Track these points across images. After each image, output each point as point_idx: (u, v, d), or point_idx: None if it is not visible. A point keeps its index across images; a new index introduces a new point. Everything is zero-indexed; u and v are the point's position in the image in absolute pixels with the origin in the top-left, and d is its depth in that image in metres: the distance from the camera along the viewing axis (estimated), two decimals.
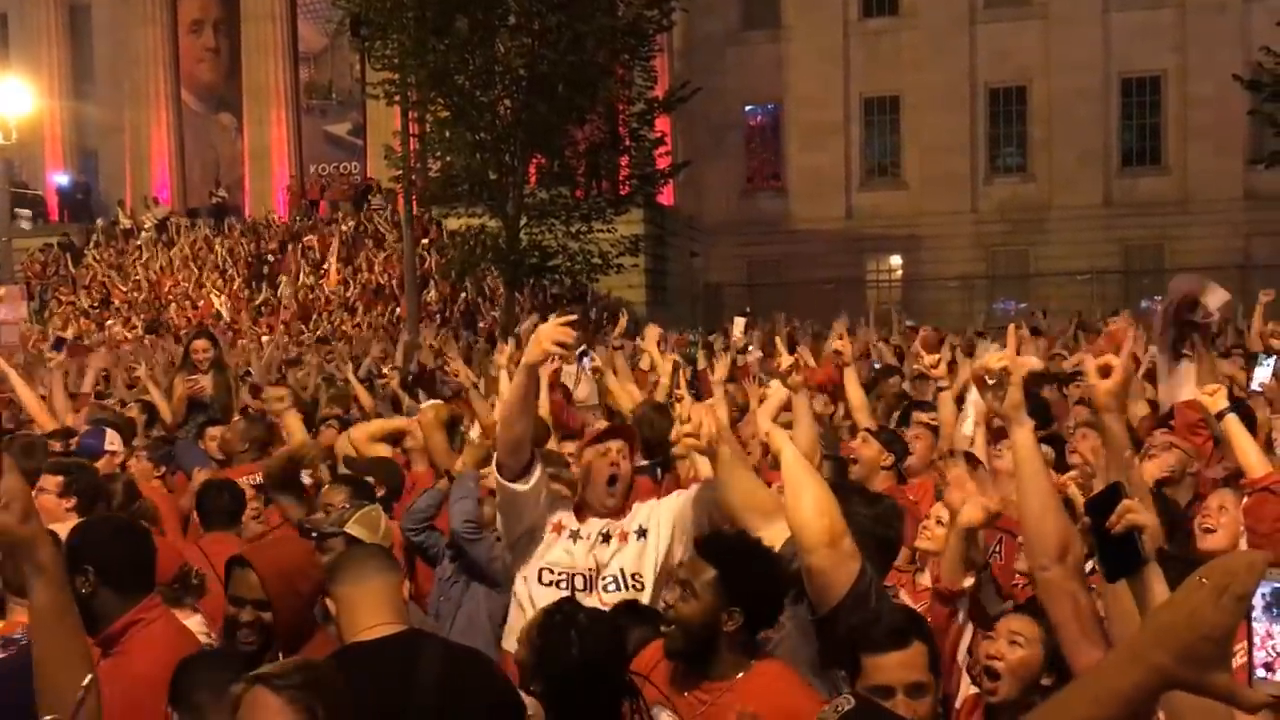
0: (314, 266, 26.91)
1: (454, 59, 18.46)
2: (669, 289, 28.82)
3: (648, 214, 25.38)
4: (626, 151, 20.84)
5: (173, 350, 14.91)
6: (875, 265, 32.75)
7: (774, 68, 32.59)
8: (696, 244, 32.00)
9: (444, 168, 19.75)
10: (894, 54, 31.95)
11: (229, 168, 32.69)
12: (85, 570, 2.89)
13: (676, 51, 29.50)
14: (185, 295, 26.78)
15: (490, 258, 20.28)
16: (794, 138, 32.96)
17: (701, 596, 2.78)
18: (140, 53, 32.00)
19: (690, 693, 2.84)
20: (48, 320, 26.50)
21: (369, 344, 15.17)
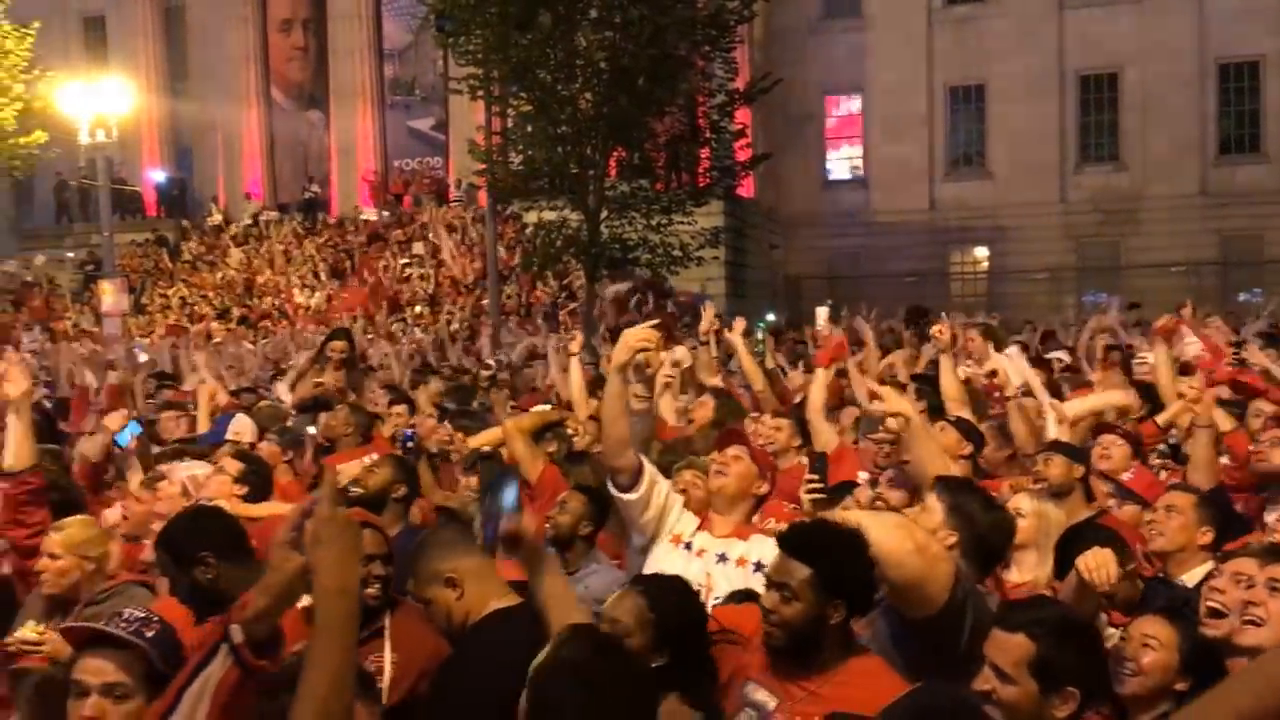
0: (400, 261, 27.41)
1: (536, 53, 18.59)
2: (748, 282, 28.68)
3: (727, 206, 25.29)
4: (707, 144, 20.77)
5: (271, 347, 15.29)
6: (960, 258, 32.17)
7: (856, 57, 32.18)
8: (776, 236, 31.80)
9: (525, 161, 19.90)
10: (979, 42, 31.31)
11: (317, 164, 33.44)
12: (202, 559, 3.03)
13: (757, 42, 29.30)
14: (275, 289, 27.47)
15: (571, 251, 20.40)
16: (876, 128, 32.52)
17: (802, 597, 2.74)
18: (232, 52, 32.89)
19: (790, 682, 2.83)
20: (145, 313, 27.44)
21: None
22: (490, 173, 19.99)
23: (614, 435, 3.69)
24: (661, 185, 21.32)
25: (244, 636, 2.27)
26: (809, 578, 2.74)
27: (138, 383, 10.05)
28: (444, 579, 3.03)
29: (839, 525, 2.89)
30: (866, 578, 2.80)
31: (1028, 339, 11.46)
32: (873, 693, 2.70)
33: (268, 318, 25.75)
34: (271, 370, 12.42)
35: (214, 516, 3.38)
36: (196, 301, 27.76)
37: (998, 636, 2.48)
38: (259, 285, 27.83)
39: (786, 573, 2.78)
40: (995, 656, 2.46)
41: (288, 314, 25.86)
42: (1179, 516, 3.88)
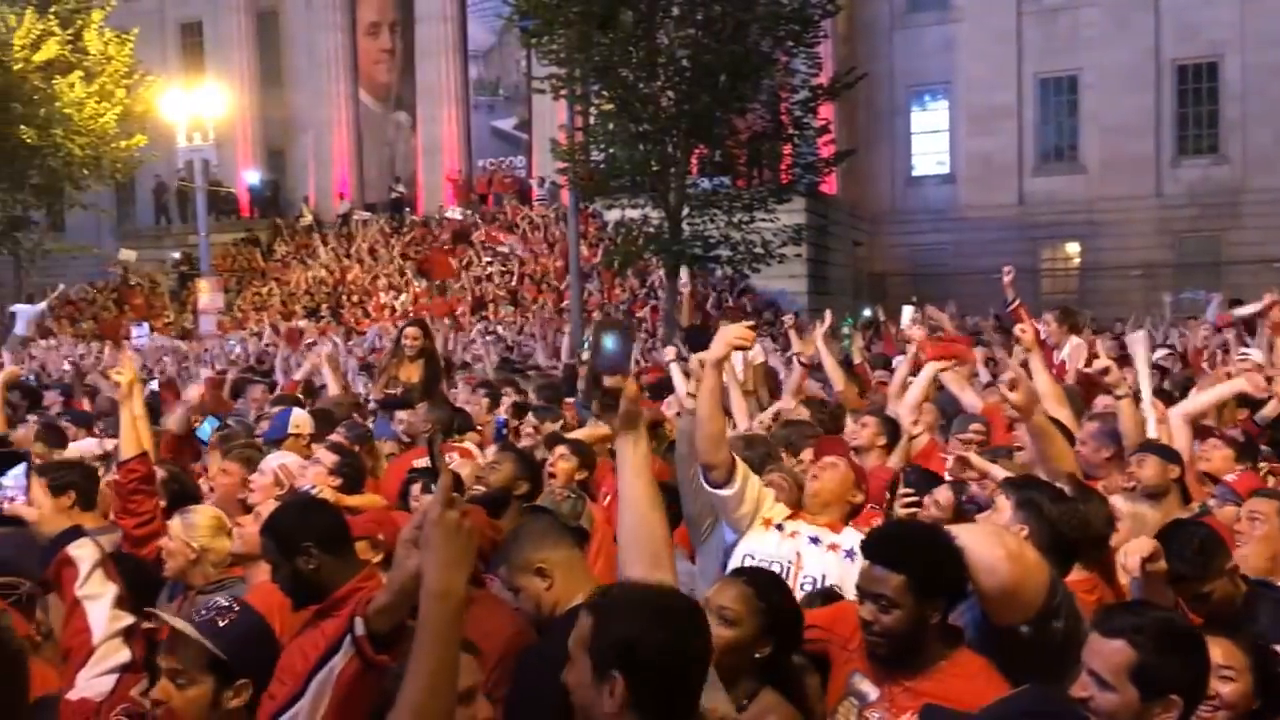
0: (486, 259, 27.76)
1: (618, 52, 18.65)
2: (830, 279, 28.40)
3: (810, 203, 25.06)
4: (789, 140, 20.60)
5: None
6: (1050, 253, 31.37)
7: (942, 50, 31.60)
8: (859, 233, 31.43)
9: (607, 160, 19.98)
10: (1071, 32, 30.48)
11: (403, 164, 34.07)
12: (305, 549, 3.13)
13: (841, 37, 28.96)
14: (363, 288, 28.05)
15: (652, 248, 20.42)
16: (963, 122, 31.89)
17: (900, 604, 2.72)
18: (323, 56, 33.67)
19: (891, 679, 2.82)
20: (239, 311, 28.25)
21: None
22: (572, 171, 20.12)
23: (711, 431, 3.70)
24: (743, 182, 21.22)
25: (366, 630, 2.32)
26: (903, 584, 2.71)
27: (228, 378, 10.39)
28: (535, 568, 3.08)
29: (920, 525, 2.85)
30: (958, 572, 2.78)
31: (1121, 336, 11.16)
32: (971, 689, 2.66)
33: (355, 317, 26.29)
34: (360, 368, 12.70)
35: (319, 509, 3.48)
36: (288, 300, 28.48)
37: (1097, 642, 2.40)
38: (347, 284, 28.44)
39: (879, 582, 2.75)
40: (1094, 662, 2.38)
41: (371, 313, 26.37)
42: (1264, 525, 3.79)
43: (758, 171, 21.99)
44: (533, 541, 3.11)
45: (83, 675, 2.96)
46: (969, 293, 21.97)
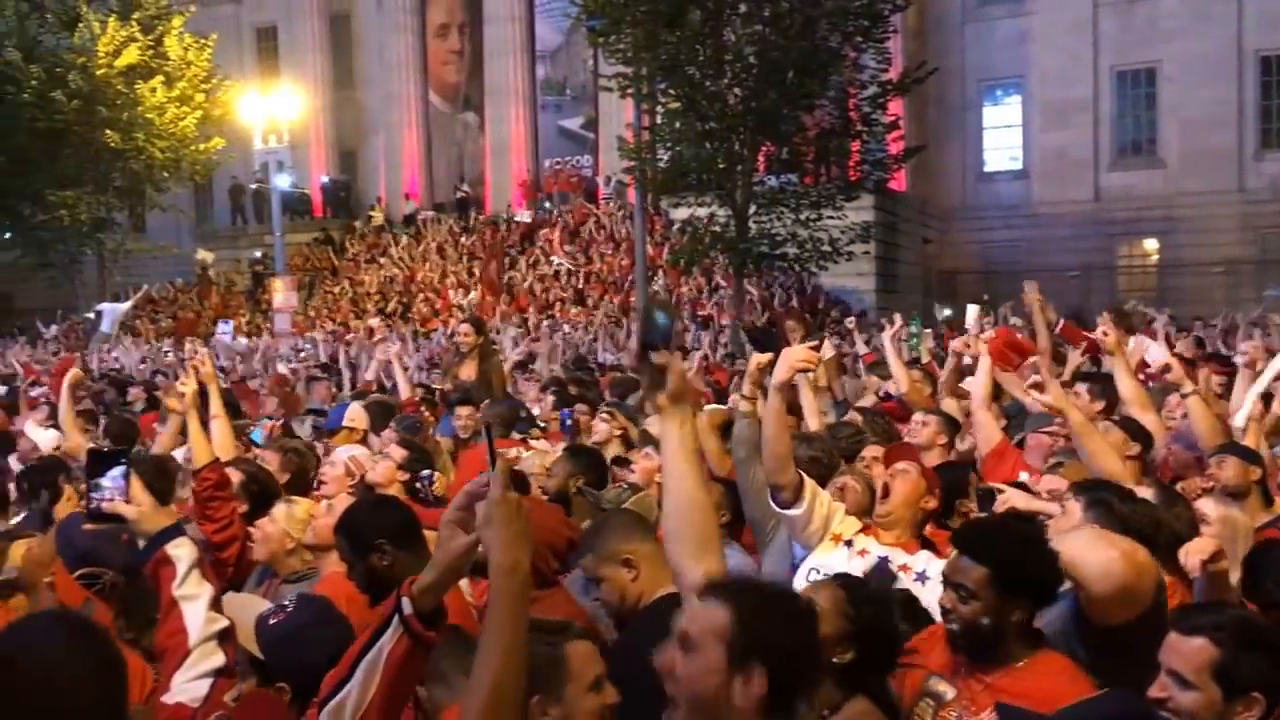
0: (549, 259, 27.94)
1: (685, 50, 18.62)
2: (899, 277, 28.07)
3: (878, 200, 24.79)
4: (857, 136, 20.38)
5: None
6: (1128, 250, 30.63)
7: (1015, 44, 31.03)
8: (929, 230, 31.01)
9: (673, 158, 19.95)
10: (1150, 23, 29.72)
11: (471, 164, 34.43)
12: (379, 546, 3.20)
13: (910, 31, 28.59)
14: (431, 287, 28.40)
15: (718, 246, 20.36)
16: (1037, 116, 31.28)
17: (980, 596, 2.71)
18: (393, 58, 34.16)
19: (969, 677, 2.80)
20: (312, 310, 28.80)
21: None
22: (639, 170, 20.15)
23: (777, 452, 3.69)
24: (810, 179, 21.05)
25: (414, 609, 2.38)
26: (985, 577, 2.71)
27: (300, 375, 10.62)
28: (621, 559, 3.11)
29: (1015, 522, 2.84)
30: (1047, 573, 2.75)
31: (1203, 334, 10.87)
32: (1050, 689, 2.63)
33: (425, 316, 26.63)
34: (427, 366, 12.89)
35: (392, 507, 3.54)
36: (359, 299, 28.94)
37: (1176, 641, 2.37)
38: (417, 283, 28.82)
39: (962, 572, 2.76)
40: (1174, 662, 2.35)
41: (439, 312, 26.68)
42: None
43: (825, 168, 21.78)
44: (620, 533, 3.14)
45: (178, 678, 2.95)
46: (1044, 291, 21.46)
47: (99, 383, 11.64)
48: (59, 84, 28.15)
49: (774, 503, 3.72)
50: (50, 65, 28.29)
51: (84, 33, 28.86)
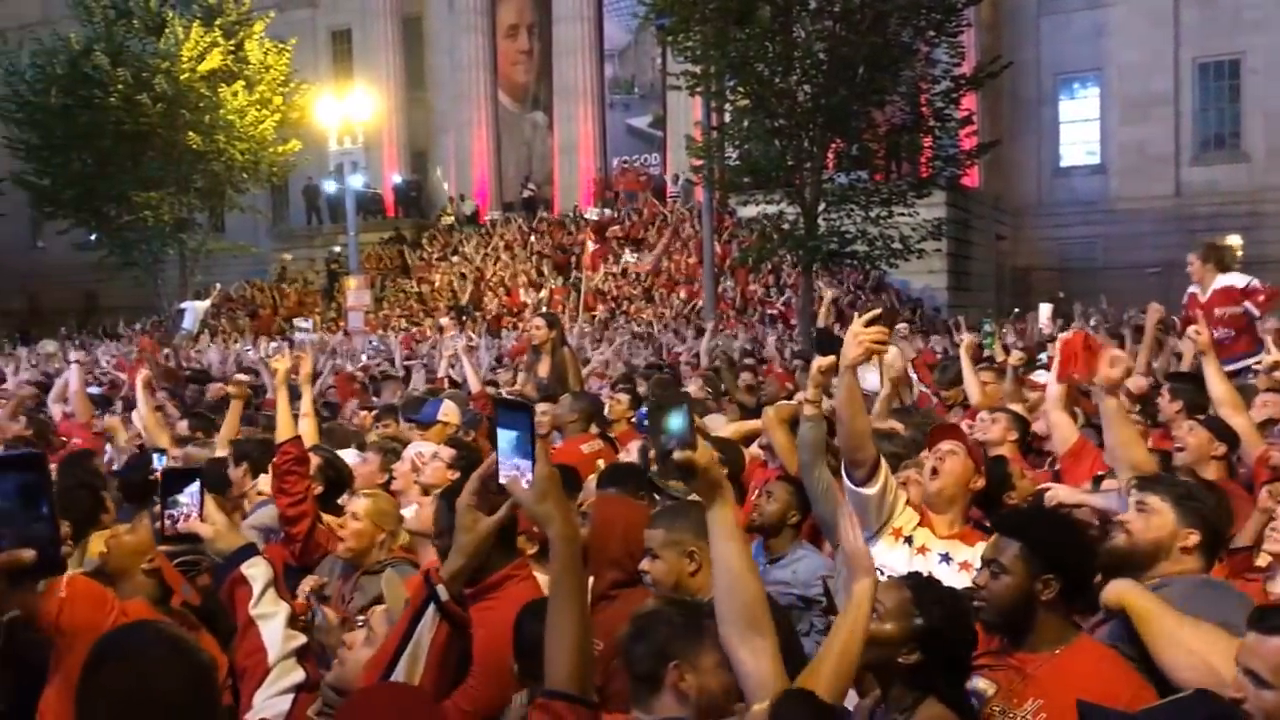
0: (618, 257, 28.05)
1: (754, 47, 18.53)
2: (972, 274, 27.65)
3: (950, 196, 24.43)
4: (930, 132, 20.09)
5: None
6: None
7: (1092, 36, 30.35)
8: (1003, 227, 30.49)
9: (742, 156, 19.87)
10: (1233, 14, 28.86)
11: (540, 163, 34.69)
12: None
13: (984, 25, 28.14)
14: (500, 285, 28.69)
15: (787, 244, 20.24)
16: (1115, 110, 30.56)
17: (1012, 571, 2.81)
18: (464, 58, 34.55)
19: (1007, 669, 2.80)
20: (386, 308, 29.27)
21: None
22: (707, 168, 20.11)
23: (856, 429, 3.66)
24: (881, 176, 20.81)
25: (448, 594, 2.45)
26: (1018, 551, 2.81)
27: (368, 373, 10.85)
28: (688, 550, 3.13)
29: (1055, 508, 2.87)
30: (1080, 553, 2.86)
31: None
32: (1094, 679, 2.61)
33: (495, 313, 26.92)
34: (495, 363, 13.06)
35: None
36: (430, 297, 29.35)
37: (1255, 641, 2.31)
38: (486, 281, 29.14)
39: (998, 550, 2.87)
40: (1252, 661, 2.30)
41: (510, 310, 26.95)
42: None
43: (896, 165, 21.53)
44: (693, 526, 3.12)
45: (260, 695, 3.01)
46: (1120, 289, 21.11)
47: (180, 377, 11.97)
48: (144, 88, 29.00)
49: (848, 479, 3.68)
50: (136, 70, 29.15)
51: (169, 38, 29.68)
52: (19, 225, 41.19)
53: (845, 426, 3.67)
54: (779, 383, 8.97)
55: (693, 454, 2.37)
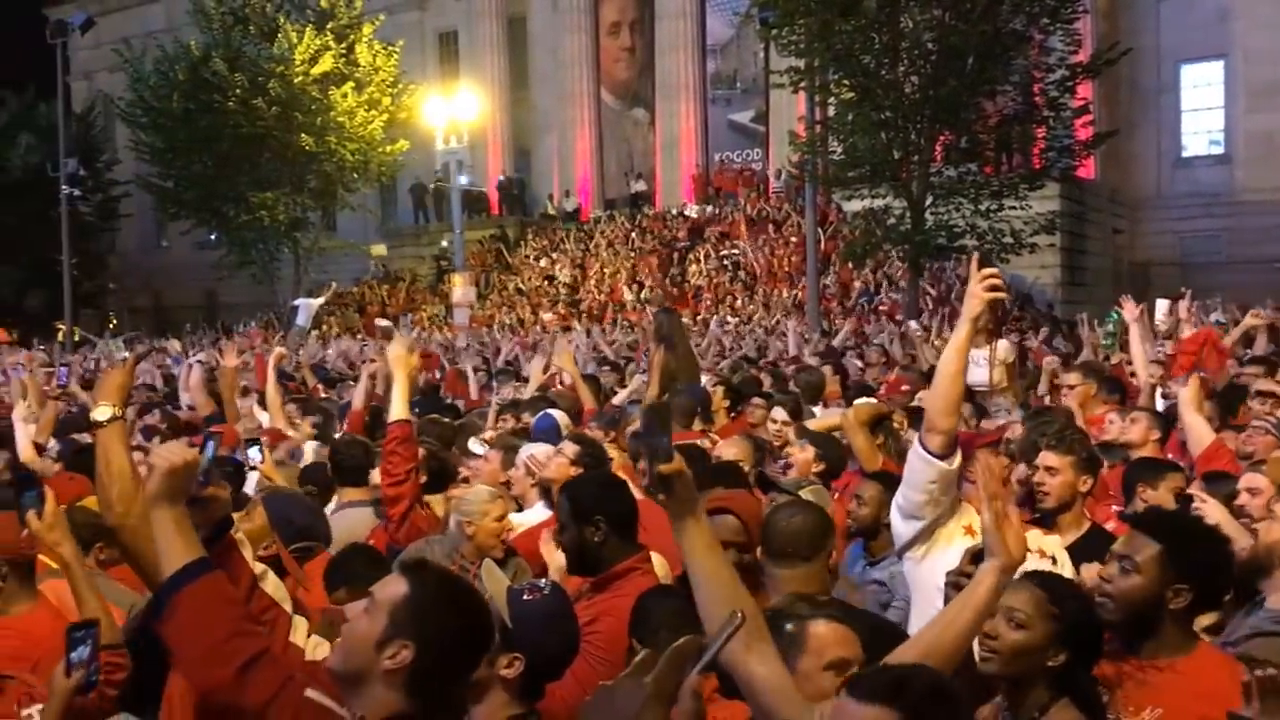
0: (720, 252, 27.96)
1: (859, 39, 18.27)
2: (1087, 269, 26.77)
3: (1065, 189, 23.69)
4: (1043, 123, 19.52)
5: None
6: None
7: (1215, 21, 29.02)
8: (1120, 220, 29.43)
9: (847, 150, 19.60)
10: None
11: (641, 160, 34.75)
12: (596, 521, 3.27)
13: (1101, 11, 27.18)
14: (602, 281, 28.85)
15: (892, 239, 19.90)
16: (1241, 98, 29.19)
17: (1144, 571, 2.72)
18: (567, 57, 34.83)
19: (1125, 675, 2.71)
20: (490, 305, 29.72)
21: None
22: (811, 163, 19.89)
23: (952, 393, 3.38)
24: (991, 169, 20.32)
25: None
26: (1156, 554, 2.73)
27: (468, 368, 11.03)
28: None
29: (1200, 518, 2.92)
30: (1219, 569, 2.78)
31: None
32: (1219, 692, 2.48)
33: (597, 310, 27.08)
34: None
35: (617, 488, 3.60)
36: (533, 294, 29.67)
37: None
38: (588, 278, 29.34)
39: (1133, 547, 2.79)
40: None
41: (613, 305, 27.07)
42: None
43: (1007, 157, 20.98)
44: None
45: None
46: (1245, 283, 20.17)
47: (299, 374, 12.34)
48: (260, 92, 30.01)
49: (925, 450, 3.38)
50: (252, 74, 30.19)
51: (283, 43, 30.65)
52: (145, 226, 43.06)
53: (941, 385, 3.43)
54: (895, 385, 8.78)
55: (670, 470, 2.32)
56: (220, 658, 2.06)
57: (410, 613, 2.13)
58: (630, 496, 3.52)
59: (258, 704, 2.05)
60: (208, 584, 2.15)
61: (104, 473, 3.03)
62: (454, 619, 2.17)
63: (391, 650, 2.11)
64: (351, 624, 2.22)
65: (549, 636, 2.78)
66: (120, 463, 3.01)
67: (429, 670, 2.13)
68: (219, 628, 2.10)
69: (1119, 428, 5.26)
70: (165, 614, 2.12)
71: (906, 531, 3.49)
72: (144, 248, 44.78)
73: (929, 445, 3.37)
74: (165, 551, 2.17)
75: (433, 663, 2.13)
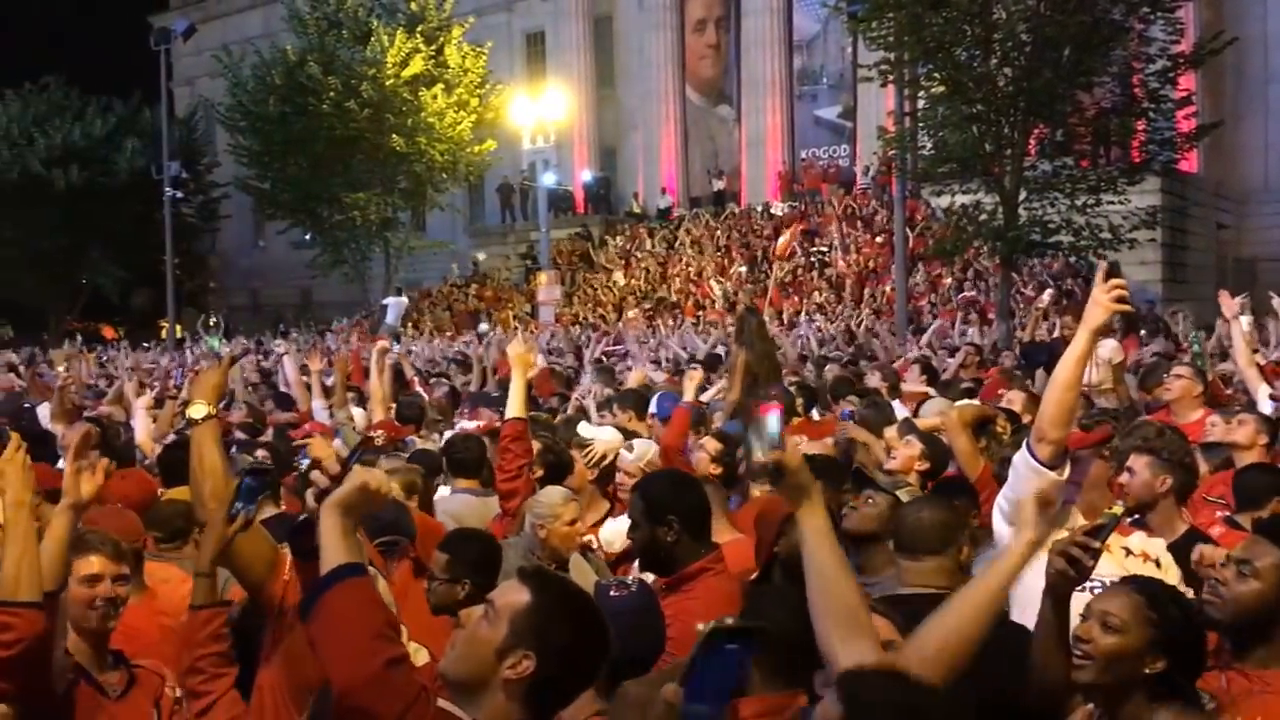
0: (806, 250, 27.71)
1: (951, 31, 17.92)
2: (1189, 265, 25.86)
3: (1166, 183, 22.94)
4: (1143, 115, 18.88)
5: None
6: None
7: None
8: (1225, 214, 28.37)
9: (937, 145, 19.24)
10: None
11: (726, 158, 34.62)
12: (669, 521, 3.26)
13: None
14: (688, 279, 28.81)
15: (984, 235, 19.46)
16: None
17: (1265, 579, 2.71)
18: (652, 55, 34.88)
19: (1230, 671, 2.65)
20: (576, 302, 29.91)
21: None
22: (900, 158, 19.56)
23: (1066, 402, 3.31)
24: (1088, 162, 19.74)
25: None
26: (1277, 563, 2.72)
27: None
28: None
29: None
30: None
31: None
32: None
33: (681, 306, 27.05)
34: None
35: (691, 486, 3.57)
36: (619, 291, 29.77)
37: None
38: (672, 275, 29.32)
39: (1254, 553, 2.76)
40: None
41: (701, 302, 27.01)
42: None
43: (1105, 150, 20.35)
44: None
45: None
46: None
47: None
48: (353, 94, 30.69)
49: (1033, 459, 3.31)
50: (345, 77, 30.89)
51: (375, 46, 31.29)
52: (243, 227, 44.37)
53: (1055, 392, 3.35)
54: (994, 388, 8.59)
55: (782, 456, 2.31)
56: (364, 656, 2.05)
57: (532, 623, 2.10)
58: (704, 495, 3.50)
59: (396, 710, 2.03)
60: (359, 585, 2.15)
61: (197, 469, 3.12)
62: (575, 630, 2.14)
63: (512, 660, 2.09)
64: (470, 630, 2.20)
65: (634, 634, 2.76)
66: (213, 460, 3.09)
67: (549, 681, 2.10)
68: (366, 627, 2.10)
69: (1223, 429, 5.05)
70: (314, 610, 2.14)
71: (1010, 536, 3.40)
72: (242, 248, 46.16)
73: (1038, 454, 3.31)
74: (326, 550, 2.19)
75: (553, 674, 2.10)
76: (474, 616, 2.26)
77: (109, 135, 38.35)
